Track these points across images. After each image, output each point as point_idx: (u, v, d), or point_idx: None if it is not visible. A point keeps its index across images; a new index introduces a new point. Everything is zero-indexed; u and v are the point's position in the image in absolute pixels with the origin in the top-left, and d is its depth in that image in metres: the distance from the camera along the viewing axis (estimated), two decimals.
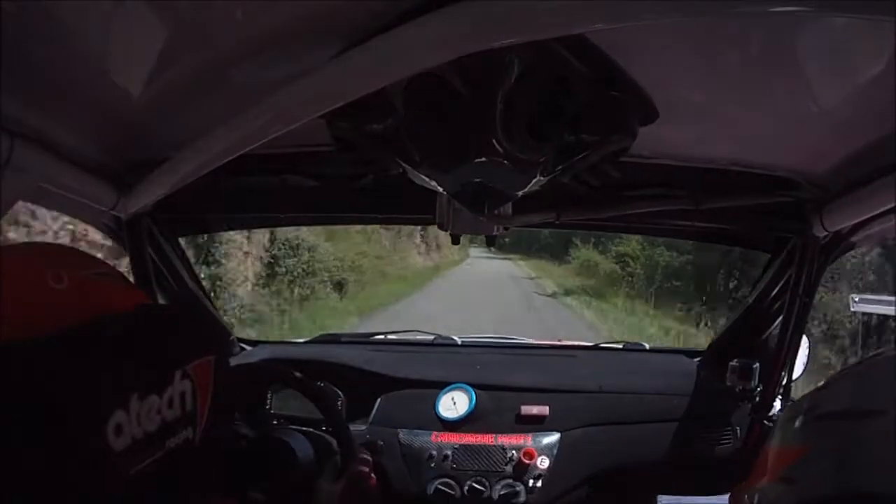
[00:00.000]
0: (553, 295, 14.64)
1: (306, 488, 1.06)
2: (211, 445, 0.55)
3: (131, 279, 1.11)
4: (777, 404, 1.33)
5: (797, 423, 0.51)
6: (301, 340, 1.86)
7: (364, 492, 1.04)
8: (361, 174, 1.18)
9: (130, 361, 0.48)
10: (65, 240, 4.31)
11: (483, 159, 0.81)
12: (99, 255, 0.61)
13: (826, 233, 1.09)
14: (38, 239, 3.97)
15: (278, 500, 1.04)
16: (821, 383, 0.54)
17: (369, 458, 1.10)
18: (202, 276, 4.69)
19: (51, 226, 4.30)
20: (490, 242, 1.18)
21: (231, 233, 6.42)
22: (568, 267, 19.97)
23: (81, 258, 0.55)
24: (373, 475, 1.08)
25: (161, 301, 1.32)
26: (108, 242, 1.32)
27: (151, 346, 0.52)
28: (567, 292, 14.85)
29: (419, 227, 13.10)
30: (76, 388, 0.44)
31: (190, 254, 1.54)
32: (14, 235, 3.91)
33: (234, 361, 1.47)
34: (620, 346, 1.82)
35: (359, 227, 9.51)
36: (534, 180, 0.88)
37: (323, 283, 9.41)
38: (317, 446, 1.11)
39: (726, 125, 0.89)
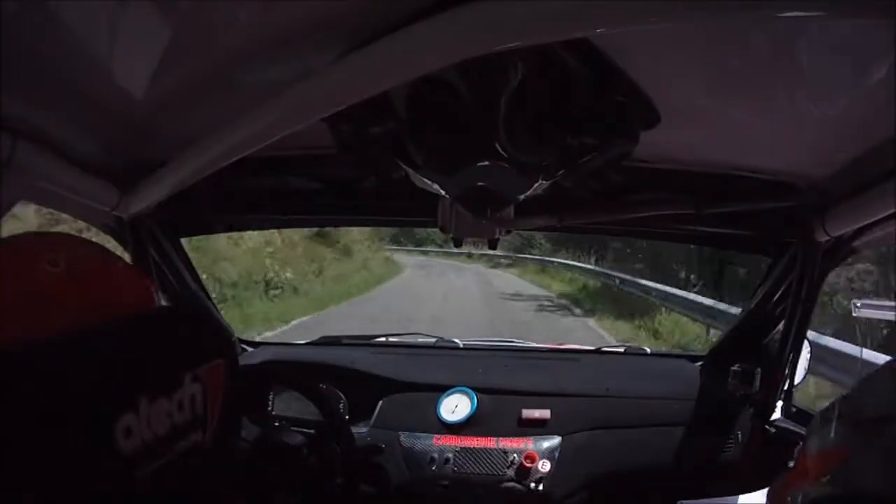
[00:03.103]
0: None
1: (309, 489, 1.06)
2: (220, 449, 0.55)
3: None
4: (779, 409, 1.33)
5: (836, 427, 0.53)
6: (303, 342, 1.86)
7: None
8: (364, 177, 1.18)
9: (141, 363, 0.48)
10: None
11: (485, 162, 0.82)
12: None
13: (828, 237, 1.09)
14: None
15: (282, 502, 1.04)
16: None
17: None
18: None
19: None
20: (492, 245, 1.18)
21: None
22: None
23: (80, 243, 0.55)
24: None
25: (163, 302, 1.32)
26: None
27: (162, 348, 0.51)
28: None
29: None
30: (86, 389, 0.44)
31: None
32: None
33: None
34: (622, 349, 1.82)
35: None
36: (536, 184, 0.88)
37: None
38: (318, 448, 1.11)
39: (729, 130, 0.89)
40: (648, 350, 1.85)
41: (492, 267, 19.82)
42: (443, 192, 0.93)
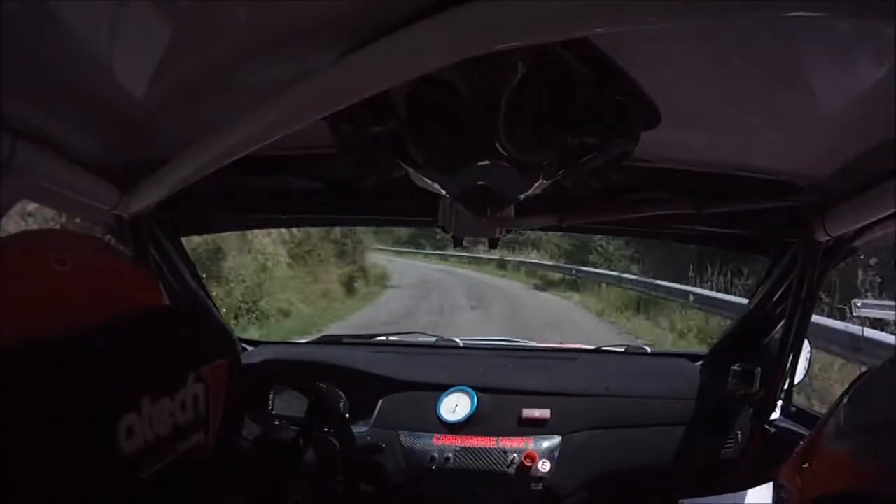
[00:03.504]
0: None
1: (309, 488, 1.07)
2: (222, 448, 0.55)
3: None
4: (778, 409, 1.33)
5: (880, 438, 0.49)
6: (304, 341, 1.86)
7: None
8: (364, 176, 1.18)
9: (143, 363, 0.48)
10: None
11: (485, 162, 0.82)
12: None
13: (828, 237, 1.09)
14: None
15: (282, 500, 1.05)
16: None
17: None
18: None
19: None
20: (492, 245, 1.18)
21: None
22: None
23: (87, 242, 0.55)
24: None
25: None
26: None
27: (165, 347, 0.51)
28: None
29: None
30: (87, 389, 0.43)
31: None
32: None
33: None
34: (622, 349, 1.82)
35: None
36: (536, 183, 0.88)
37: None
38: (319, 447, 1.11)
39: (729, 129, 0.89)
40: (648, 349, 1.85)
41: (539, 288, 11.96)
42: (443, 192, 0.93)
